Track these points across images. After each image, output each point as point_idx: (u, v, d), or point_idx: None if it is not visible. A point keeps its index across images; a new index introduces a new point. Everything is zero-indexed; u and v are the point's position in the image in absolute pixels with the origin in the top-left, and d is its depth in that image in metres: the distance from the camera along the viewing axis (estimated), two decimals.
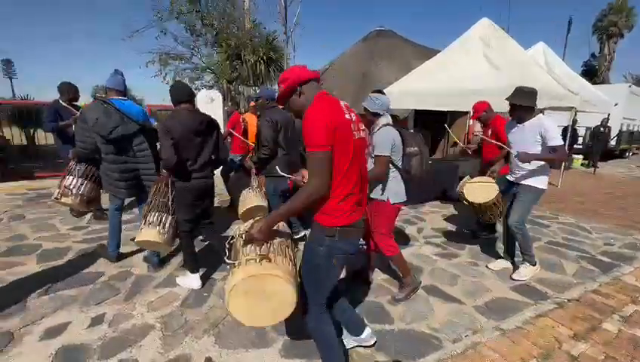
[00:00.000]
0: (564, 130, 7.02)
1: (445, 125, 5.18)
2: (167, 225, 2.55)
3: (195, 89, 9.42)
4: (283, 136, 3.16)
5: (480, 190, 3.04)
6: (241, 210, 3.19)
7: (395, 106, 7.60)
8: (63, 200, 2.86)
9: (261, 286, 1.36)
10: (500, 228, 3.76)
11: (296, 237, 3.50)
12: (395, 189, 2.36)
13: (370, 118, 2.36)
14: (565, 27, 18.20)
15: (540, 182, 2.70)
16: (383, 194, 2.36)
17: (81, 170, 2.90)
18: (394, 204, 2.38)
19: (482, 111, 3.61)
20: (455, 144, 10.99)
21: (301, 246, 1.75)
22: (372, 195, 2.38)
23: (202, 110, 2.82)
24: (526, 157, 2.52)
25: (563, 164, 7.05)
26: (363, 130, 1.54)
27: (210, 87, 9.11)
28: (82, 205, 2.96)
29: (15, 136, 8.22)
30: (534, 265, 2.93)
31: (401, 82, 7.56)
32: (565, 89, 5.70)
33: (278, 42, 9.28)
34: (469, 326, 2.26)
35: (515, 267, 3.00)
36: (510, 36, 6.53)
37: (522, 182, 2.76)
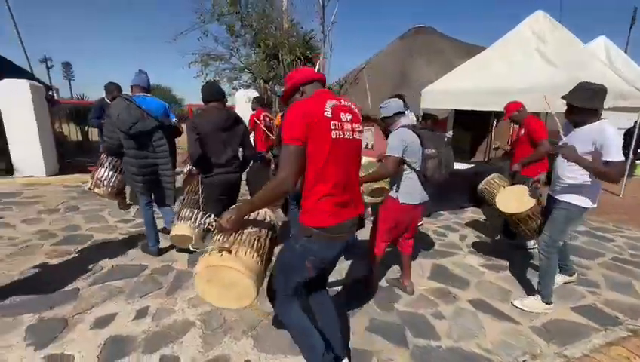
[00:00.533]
0: (628, 134, 6.32)
1: (493, 127, 4.84)
2: (198, 219, 2.67)
3: (233, 88, 9.67)
4: None
5: (514, 199, 2.76)
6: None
7: (434, 106, 7.30)
8: (96, 190, 3.05)
9: (220, 276, 1.43)
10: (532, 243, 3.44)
11: None
12: (407, 190, 2.33)
13: (388, 123, 2.36)
14: (628, 18, 16.45)
15: (581, 199, 2.21)
16: (395, 192, 2.37)
17: (111, 163, 3.04)
18: (403, 203, 2.33)
19: (514, 111, 3.37)
20: (497, 147, 10.36)
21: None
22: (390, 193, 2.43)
23: (241, 109, 2.88)
24: (569, 154, 2.01)
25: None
26: (359, 131, 1.49)
27: (247, 87, 9.30)
28: (112, 196, 3.15)
29: (72, 132, 8.92)
30: (548, 303, 2.41)
31: (440, 81, 7.22)
32: (631, 86, 5.11)
33: (315, 41, 9.26)
34: (526, 349, 2.04)
35: (569, 280, 2.74)
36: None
37: (558, 196, 2.32)
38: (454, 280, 2.88)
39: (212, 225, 1.57)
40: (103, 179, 3.03)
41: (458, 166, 5.29)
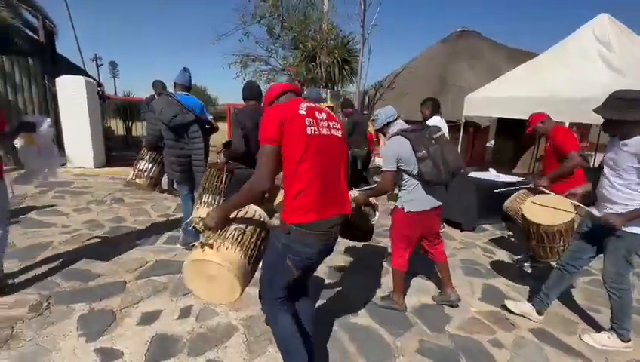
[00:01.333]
0: None
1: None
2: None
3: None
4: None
5: (546, 209, 2.41)
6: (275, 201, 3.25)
7: (477, 113, 6.95)
8: (137, 180, 3.27)
9: (202, 269, 1.46)
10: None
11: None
12: (410, 197, 2.24)
13: (383, 133, 2.37)
14: None
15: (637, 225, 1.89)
16: (400, 201, 2.30)
17: (150, 156, 3.28)
18: (408, 212, 2.24)
19: (538, 123, 3.04)
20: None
21: None
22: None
23: None
24: (615, 222, 1.84)
25: None
26: (335, 128, 1.51)
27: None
28: (150, 186, 3.38)
29: (118, 127, 9.42)
30: (625, 341, 2.12)
31: (486, 88, 6.85)
32: None
33: (353, 44, 9.17)
34: None
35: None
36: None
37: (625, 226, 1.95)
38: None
39: (198, 224, 1.61)
40: (143, 170, 3.27)
41: (505, 178, 4.96)
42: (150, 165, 3.29)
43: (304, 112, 1.39)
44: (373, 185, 2.91)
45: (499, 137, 8.63)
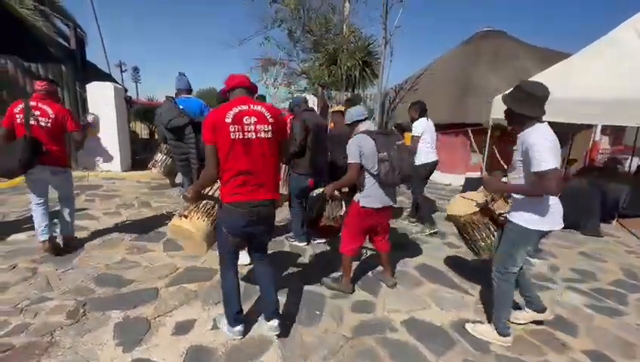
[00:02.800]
0: None
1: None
2: None
3: (289, 93, 9.81)
4: (312, 139, 3.28)
5: (463, 205, 2.50)
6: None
7: (500, 116, 6.65)
8: (153, 169, 4.04)
9: (180, 231, 2.16)
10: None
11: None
12: (367, 193, 2.42)
13: (351, 130, 2.53)
14: None
15: (530, 219, 1.91)
16: (358, 195, 2.48)
17: (165, 149, 3.97)
18: (363, 207, 2.44)
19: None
20: (571, 162, 9.27)
21: None
22: None
23: None
24: (489, 186, 2.09)
25: None
26: (264, 131, 1.82)
27: (303, 91, 9.35)
28: (164, 174, 4.25)
29: (142, 131, 9.64)
30: (503, 335, 2.13)
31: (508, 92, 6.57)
32: None
33: (374, 47, 9.05)
34: None
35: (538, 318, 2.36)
36: None
37: (509, 214, 2.06)
38: (558, 322, 2.47)
39: (185, 196, 2.05)
40: (158, 160, 4.02)
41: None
42: (164, 156, 4.06)
43: (229, 120, 1.76)
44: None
45: None
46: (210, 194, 2.18)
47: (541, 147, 1.71)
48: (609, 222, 5.03)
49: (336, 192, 2.67)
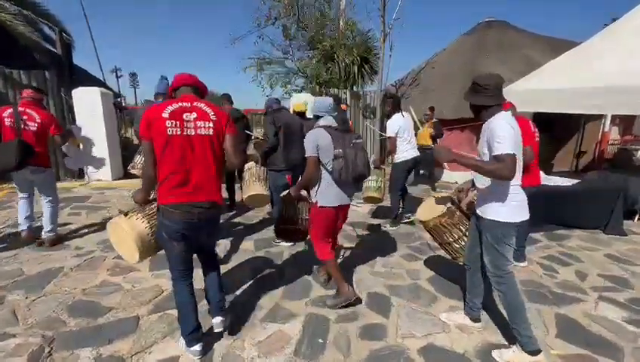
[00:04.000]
0: None
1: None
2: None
3: (285, 92, 9.49)
4: (283, 136, 3.36)
5: (432, 208, 2.46)
6: (246, 194, 3.54)
7: (518, 109, 6.32)
8: (133, 171, 3.65)
9: (117, 231, 2.07)
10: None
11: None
12: (322, 191, 2.34)
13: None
14: None
15: (499, 212, 1.87)
16: (314, 195, 2.37)
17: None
18: (321, 206, 2.34)
19: None
20: (581, 154, 8.91)
21: None
22: None
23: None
24: (441, 156, 1.94)
25: None
26: (204, 127, 1.73)
27: (300, 91, 9.03)
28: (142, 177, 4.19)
29: (135, 137, 9.35)
30: (533, 353, 1.87)
31: (526, 80, 6.23)
32: None
33: (372, 42, 8.72)
34: None
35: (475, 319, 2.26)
36: None
37: (479, 211, 1.99)
38: (597, 343, 2.15)
39: (134, 199, 1.97)
40: (137, 162, 3.63)
41: (558, 181, 4.39)
42: (143, 158, 4.16)
43: (167, 115, 1.67)
44: None
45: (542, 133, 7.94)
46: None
47: (501, 132, 1.74)
48: (630, 218, 4.68)
49: (304, 192, 2.55)
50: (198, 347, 1.88)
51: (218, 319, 2.02)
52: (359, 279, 2.90)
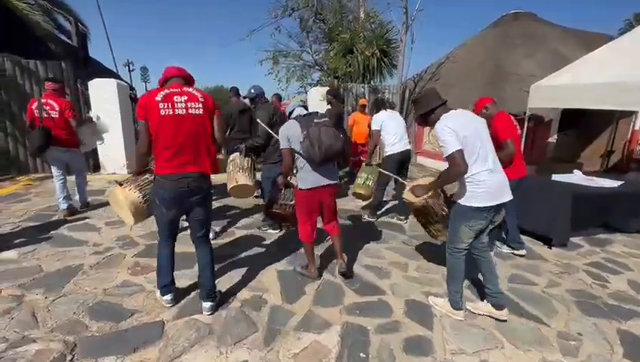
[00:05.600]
0: None
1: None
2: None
3: (300, 87, 9.26)
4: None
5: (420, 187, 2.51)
6: (229, 185, 3.38)
7: (546, 105, 6.01)
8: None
9: (115, 198, 2.36)
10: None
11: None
12: (300, 175, 2.51)
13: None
14: None
15: (463, 196, 2.06)
16: (295, 179, 2.59)
17: None
18: (300, 189, 2.51)
19: (482, 108, 3.01)
20: (610, 153, 8.49)
21: None
22: None
23: (314, 108, 3.80)
24: (420, 193, 2.41)
25: None
26: (195, 108, 1.98)
27: (315, 85, 8.80)
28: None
29: None
30: (455, 308, 2.25)
31: (555, 75, 5.89)
32: None
33: (392, 35, 8.41)
34: None
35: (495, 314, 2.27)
36: None
37: (456, 198, 2.17)
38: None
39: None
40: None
41: (600, 182, 4.09)
42: None
43: (160, 98, 1.91)
44: None
45: (562, 131, 7.60)
46: (151, 168, 2.26)
47: (441, 135, 1.91)
48: None
49: (293, 180, 2.69)
50: (169, 297, 2.26)
51: (207, 304, 2.21)
52: (393, 284, 2.71)
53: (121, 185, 2.29)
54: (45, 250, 3.08)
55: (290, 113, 2.62)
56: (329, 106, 4.78)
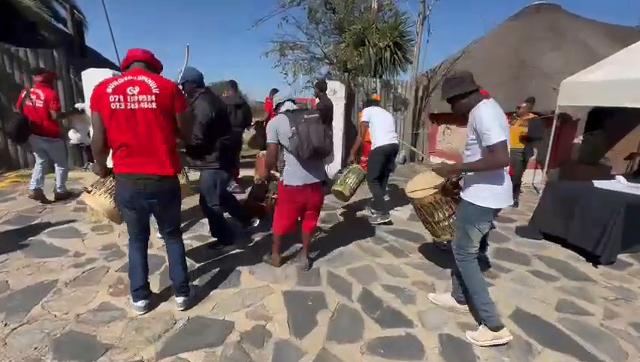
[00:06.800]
0: None
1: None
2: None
3: (308, 81, 8.80)
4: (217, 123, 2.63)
5: (423, 185, 2.42)
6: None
7: (577, 103, 5.51)
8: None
9: (89, 204, 2.40)
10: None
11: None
12: (287, 172, 2.44)
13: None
14: None
15: (478, 196, 1.91)
16: (281, 174, 2.52)
17: None
18: (286, 185, 2.45)
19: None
20: (632, 155, 7.94)
21: None
22: None
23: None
24: (441, 170, 2.25)
25: None
26: (148, 101, 1.73)
27: (323, 79, 8.33)
28: None
29: None
30: (495, 329, 1.95)
31: (588, 71, 5.39)
32: None
33: (405, 26, 7.91)
34: None
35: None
36: None
37: (462, 193, 2.05)
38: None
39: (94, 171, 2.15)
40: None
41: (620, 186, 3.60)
42: None
43: (110, 90, 1.72)
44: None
45: (588, 131, 7.08)
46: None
47: (487, 121, 1.75)
48: None
49: (277, 174, 2.71)
50: (141, 303, 2.05)
51: (180, 299, 2.10)
52: (420, 312, 2.28)
53: (89, 191, 2.19)
54: (18, 260, 2.70)
55: (278, 106, 2.54)
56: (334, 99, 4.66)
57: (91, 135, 2.50)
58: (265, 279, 2.59)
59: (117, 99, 1.71)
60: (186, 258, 2.27)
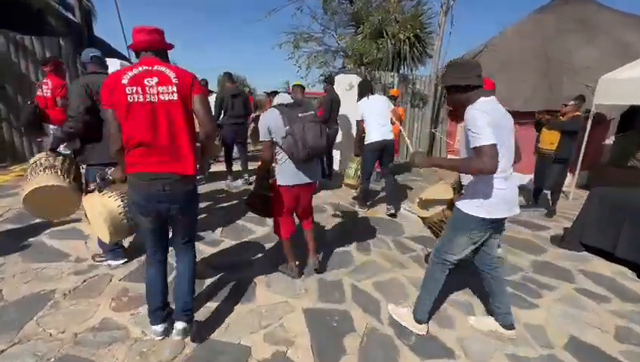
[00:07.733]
0: None
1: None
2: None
3: (321, 75, 8.47)
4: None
5: (433, 201, 2.35)
6: (22, 195, 2.27)
7: (617, 101, 5.10)
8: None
9: (90, 207, 1.97)
10: None
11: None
12: (280, 171, 2.32)
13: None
14: None
15: (469, 203, 1.77)
16: (276, 174, 2.36)
17: None
18: (280, 185, 2.32)
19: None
20: None
21: None
22: None
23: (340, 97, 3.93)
24: (416, 162, 1.83)
25: None
26: (167, 93, 1.56)
27: (337, 73, 8.01)
28: None
29: None
30: (419, 322, 1.99)
31: (630, 66, 4.97)
32: None
33: (425, 18, 7.51)
34: None
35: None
36: None
37: (459, 204, 1.85)
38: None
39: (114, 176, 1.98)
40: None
41: None
42: None
43: (126, 81, 1.53)
44: None
45: (620, 132, 6.63)
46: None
47: (478, 122, 1.57)
48: None
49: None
50: (159, 327, 1.80)
51: (180, 325, 1.78)
52: (461, 338, 2.00)
53: (90, 191, 1.94)
54: (16, 265, 2.49)
55: (271, 93, 2.52)
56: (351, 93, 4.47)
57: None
58: (283, 293, 2.34)
59: (134, 91, 1.53)
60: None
